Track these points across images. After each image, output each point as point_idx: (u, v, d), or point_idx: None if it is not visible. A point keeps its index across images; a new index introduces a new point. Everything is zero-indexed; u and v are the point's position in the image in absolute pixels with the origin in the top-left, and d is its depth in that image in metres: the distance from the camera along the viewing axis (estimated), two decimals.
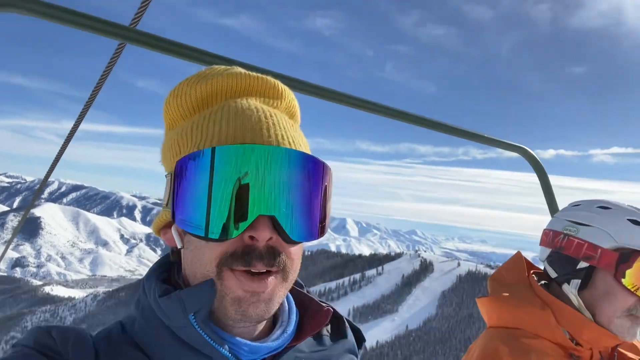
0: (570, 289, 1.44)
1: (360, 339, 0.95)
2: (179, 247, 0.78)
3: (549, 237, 1.55)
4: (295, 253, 0.79)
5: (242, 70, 0.84)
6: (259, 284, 0.73)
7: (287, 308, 0.87)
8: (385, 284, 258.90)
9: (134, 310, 0.80)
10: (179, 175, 0.74)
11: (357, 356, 0.91)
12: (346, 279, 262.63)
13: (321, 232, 0.78)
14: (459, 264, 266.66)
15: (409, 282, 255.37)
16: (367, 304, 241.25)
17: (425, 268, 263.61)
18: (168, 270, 0.84)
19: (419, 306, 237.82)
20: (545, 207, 2.29)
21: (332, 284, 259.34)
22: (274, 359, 0.78)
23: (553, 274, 1.50)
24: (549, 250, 1.54)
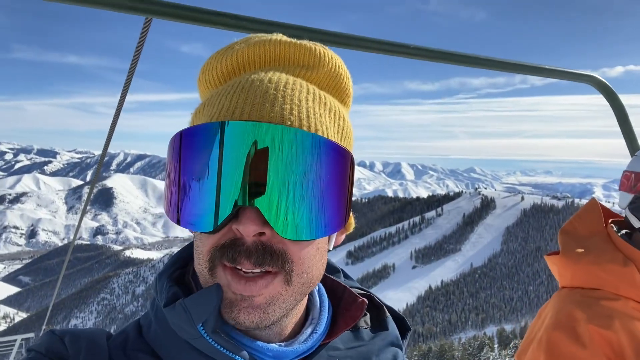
0: None
1: (405, 328, 0.84)
2: (193, 236, 0.70)
3: (630, 180, 1.33)
4: (304, 253, 0.65)
5: (277, 38, 0.73)
6: (247, 286, 0.62)
7: (318, 303, 0.77)
8: (446, 224, 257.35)
9: (150, 311, 0.73)
10: (167, 163, 0.67)
11: (401, 349, 0.80)
12: (405, 223, 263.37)
13: (328, 227, 0.64)
14: (522, 198, 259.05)
15: (471, 221, 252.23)
16: (428, 245, 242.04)
17: (487, 205, 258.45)
18: (186, 265, 0.76)
19: (482, 244, 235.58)
20: (615, 129, 2.07)
21: (392, 229, 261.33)
22: (306, 358, 0.70)
23: (637, 223, 1.33)
24: (631, 196, 1.34)
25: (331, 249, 0.75)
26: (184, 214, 0.63)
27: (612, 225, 1.40)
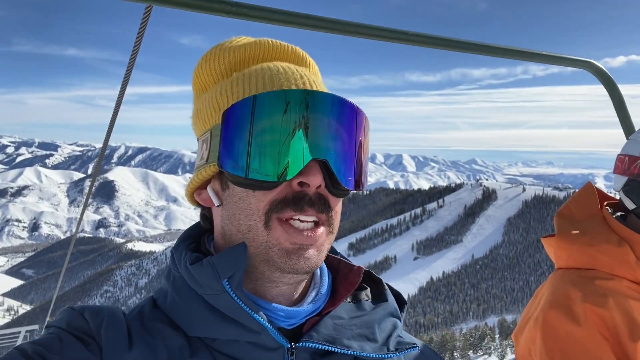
0: None
1: (401, 302, 0.89)
2: (216, 204, 0.77)
3: (624, 163, 1.37)
4: (338, 206, 0.77)
5: (270, 40, 0.85)
6: (308, 237, 0.71)
7: (318, 270, 0.85)
8: (448, 215, 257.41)
9: (165, 282, 0.78)
10: (229, 124, 0.73)
11: (400, 320, 0.85)
12: (407, 214, 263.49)
13: (364, 182, 0.78)
14: (524, 189, 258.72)
15: (472, 212, 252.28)
16: (430, 236, 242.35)
17: (488, 196, 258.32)
18: (197, 241, 0.83)
19: (484, 235, 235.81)
20: (617, 120, 2.10)
21: (394, 220, 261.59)
22: (313, 326, 0.75)
23: (631, 205, 1.35)
24: (625, 179, 1.36)
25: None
26: (258, 166, 0.69)
27: (607, 207, 1.43)
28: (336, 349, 0.72)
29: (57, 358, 0.64)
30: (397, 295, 0.89)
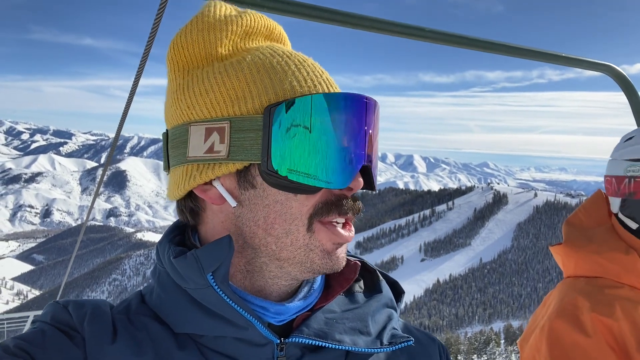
0: None
1: (398, 292, 0.86)
2: (233, 205, 0.70)
3: (613, 184, 1.36)
4: None
5: (248, 11, 0.79)
6: (349, 233, 0.72)
7: None
8: (457, 218, 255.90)
9: (151, 278, 0.76)
10: (282, 124, 0.67)
11: (396, 310, 0.82)
12: (416, 215, 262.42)
13: None
14: (535, 195, 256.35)
15: (482, 216, 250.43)
16: (438, 239, 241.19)
17: (499, 200, 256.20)
18: (182, 234, 0.78)
19: (493, 239, 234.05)
20: (635, 127, 2.04)
21: (402, 221, 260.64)
22: (304, 321, 0.73)
23: (634, 224, 1.31)
24: (619, 200, 1.34)
25: None
26: (321, 173, 0.67)
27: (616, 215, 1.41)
28: (327, 344, 0.69)
29: (40, 352, 0.63)
30: (393, 284, 0.87)
